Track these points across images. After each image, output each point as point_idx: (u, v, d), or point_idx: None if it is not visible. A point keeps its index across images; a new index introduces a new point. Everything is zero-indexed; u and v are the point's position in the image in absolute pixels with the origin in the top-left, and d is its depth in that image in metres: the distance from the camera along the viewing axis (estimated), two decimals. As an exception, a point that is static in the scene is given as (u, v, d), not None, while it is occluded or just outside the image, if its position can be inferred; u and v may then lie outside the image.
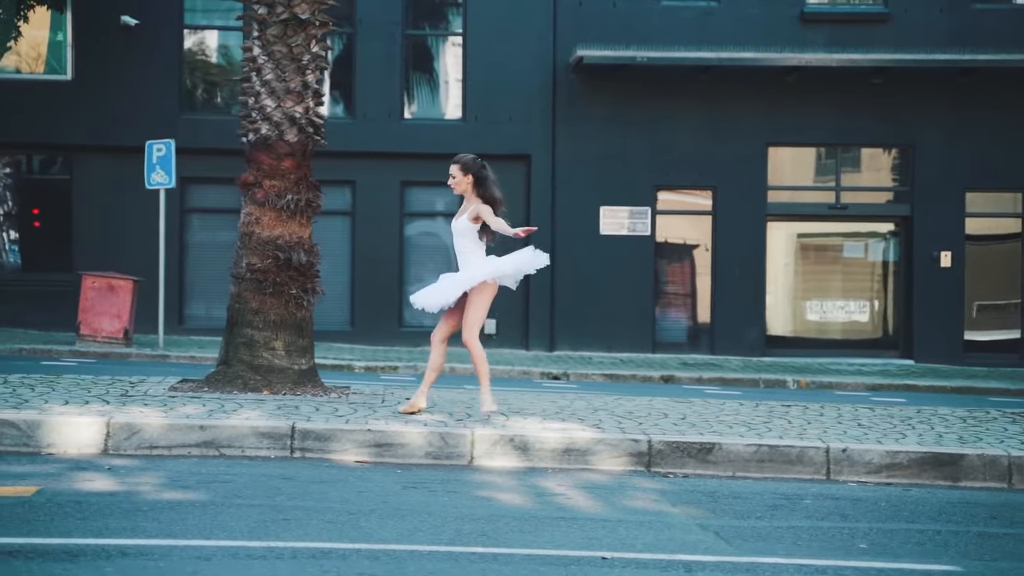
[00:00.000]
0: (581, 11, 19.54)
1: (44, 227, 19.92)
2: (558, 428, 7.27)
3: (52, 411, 7.18)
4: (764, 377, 16.68)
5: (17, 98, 19.14)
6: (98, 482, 6.14)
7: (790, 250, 20.53)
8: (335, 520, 5.50)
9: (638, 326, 19.60)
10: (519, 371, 16.75)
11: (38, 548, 4.82)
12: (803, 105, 19.49)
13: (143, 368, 14.16)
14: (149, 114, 19.12)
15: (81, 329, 16.87)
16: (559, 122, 19.64)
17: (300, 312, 8.43)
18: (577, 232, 19.59)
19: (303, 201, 8.36)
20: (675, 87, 19.50)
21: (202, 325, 19.58)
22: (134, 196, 19.09)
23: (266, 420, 7.14)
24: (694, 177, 19.75)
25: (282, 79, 8.36)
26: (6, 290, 19.32)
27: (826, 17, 19.72)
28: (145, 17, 19.20)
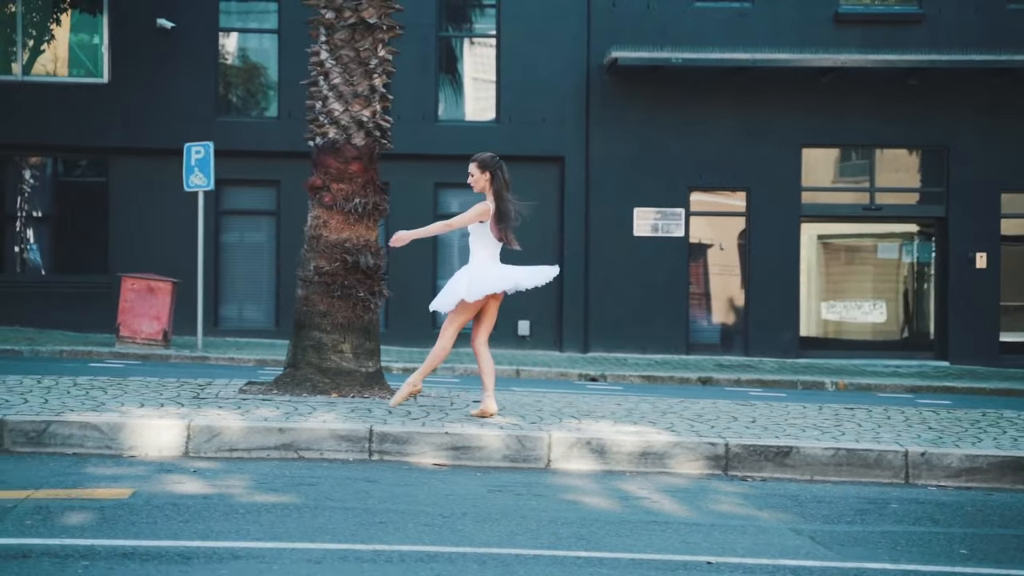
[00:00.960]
0: (615, 12, 19.57)
1: (80, 229, 20.03)
2: (633, 431, 7.30)
3: (131, 414, 7.23)
4: (801, 379, 16.68)
5: (54, 101, 19.27)
6: (188, 485, 6.18)
7: (822, 251, 20.53)
8: (431, 523, 5.53)
9: (672, 327, 19.62)
10: (556, 373, 16.78)
11: (150, 550, 4.86)
12: (837, 106, 19.49)
13: (187, 370, 14.23)
14: (184, 116, 19.22)
15: (121, 331, 16.95)
16: (593, 123, 19.68)
17: (367, 315, 8.47)
18: (611, 234, 19.62)
19: (370, 204, 8.40)
20: (709, 88, 19.53)
21: (236, 326, 19.69)
22: (170, 198, 19.20)
23: (343, 423, 7.18)
24: (728, 178, 19.78)
25: (350, 83, 8.40)
26: (42, 292, 19.44)
27: (860, 18, 19.72)
28: (180, 20, 19.30)
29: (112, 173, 19.59)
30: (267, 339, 19.38)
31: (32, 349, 16.13)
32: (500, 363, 17.34)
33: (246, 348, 17.95)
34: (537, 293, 19.28)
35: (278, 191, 19.80)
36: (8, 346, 16.23)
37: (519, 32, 19.68)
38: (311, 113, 8.68)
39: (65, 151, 19.73)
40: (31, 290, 19.47)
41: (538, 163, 19.64)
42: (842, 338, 20.42)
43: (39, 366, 13.73)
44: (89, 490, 5.97)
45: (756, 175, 19.62)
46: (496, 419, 7.65)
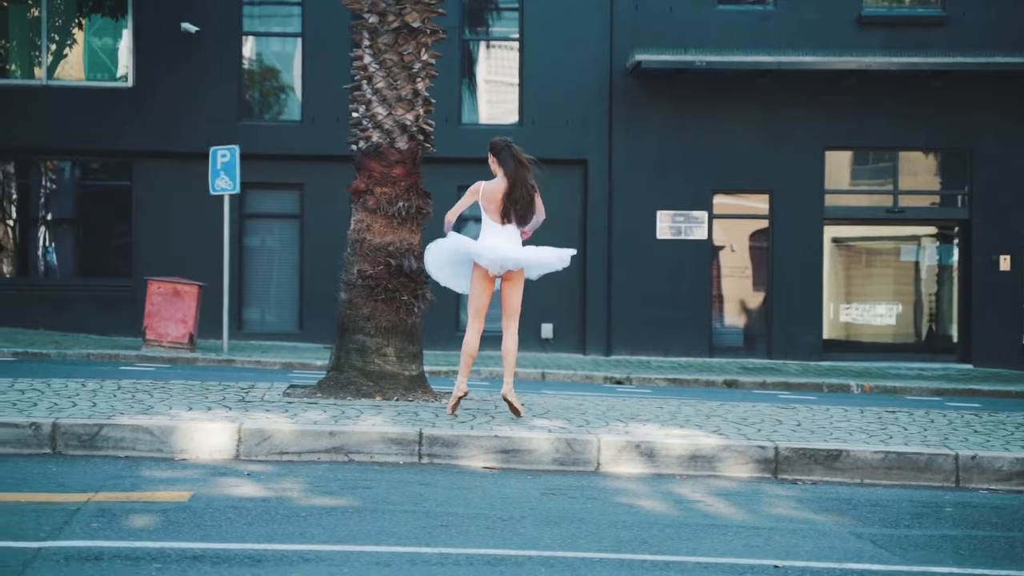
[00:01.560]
0: (638, 16, 19.58)
1: (104, 232, 20.11)
2: (681, 435, 7.31)
3: (181, 417, 7.26)
4: (827, 382, 16.66)
5: (78, 105, 19.33)
6: (244, 488, 6.21)
7: (838, 253, 20.50)
8: (491, 526, 5.55)
9: (695, 330, 19.61)
10: (581, 376, 16.79)
11: (220, 553, 4.89)
12: (860, 108, 19.47)
13: (216, 373, 14.28)
14: (208, 120, 19.28)
15: (147, 334, 17.00)
16: (616, 126, 19.69)
17: (411, 318, 8.49)
18: (634, 236, 19.63)
19: (413, 208, 8.43)
20: (732, 91, 19.52)
21: (259, 329, 19.73)
22: (193, 201, 19.25)
23: (392, 426, 7.20)
24: (751, 181, 19.76)
25: (393, 87, 8.43)
26: (66, 295, 19.50)
27: (883, 20, 19.70)
28: (204, 24, 19.36)
29: (136, 177, 19.65)
30: (290, 342, 19.44)
31: (59, 352, 16.18)
32: (524, 366, 17.36)
33: (271, 351, 17.99)
34: (560, 296, 19.51)
35: (301, 194, 19.85)
36: (35, 349, 16.29)
37: (542, 35, 19.71)
38: (354, 117, 8.70)
39: (89, 155, 19.80)
40: (55, 293, 19.54)
41: (561, 166, 19.63)
42: (864, 340, 20.39)
43: (71, 369, 13.79)
44: (148, 493, 6.00)
45: (779, 178, 19.61)
46: (544, 422, 7.65)
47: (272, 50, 20.27)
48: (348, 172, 19.42)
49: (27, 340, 17.56)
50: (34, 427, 6.91)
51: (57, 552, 4.82)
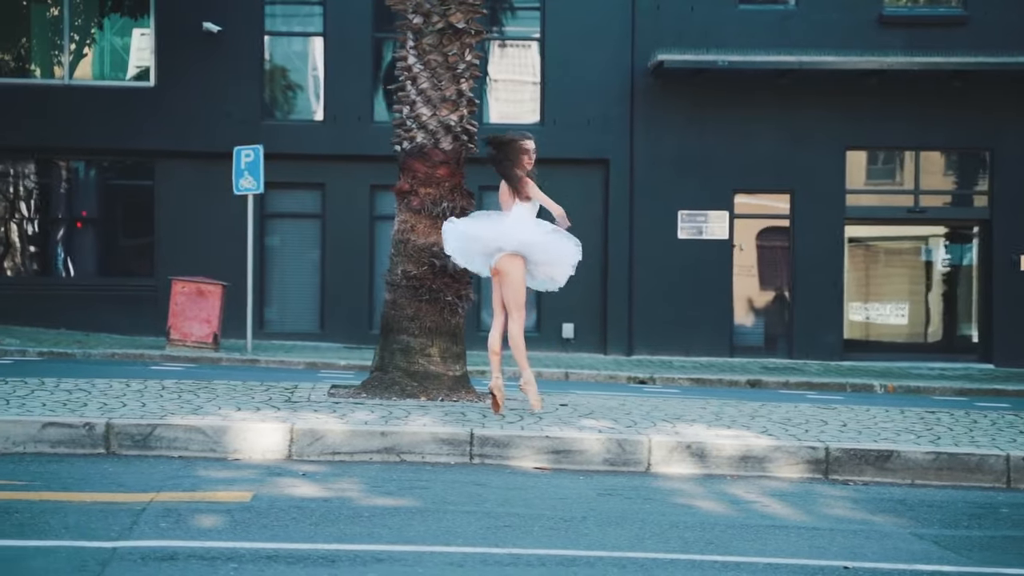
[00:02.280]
0: (659, 15, 19.59)
1: (126, 232, 20.15)
2: (730, 435, 7.33)
3: (232, 417, 7.29)
4: (850, 381, 16.67)
5: (100, 104, 19.38)
6: (303, 488, 6.24)
7: (863, 253, 20.51)
8: (555, 527, 5.57)
9: (716, 330, 19.63)
10: (605, 375, 16.80)
11: (293, 553, 4.92)
12: (881, 108, 19.47)
13: (244, 373, 14.31)
14: (230, 120, 19.32)
15: (171, 334, 17.04)
16: (637, 126, 19.70)
17: (454, 318, 8.52)
18: (655, 236, 19.64)
19: (457, 208, 8.45)
20: (753, 91, 19.52)
21: (280, 329, 19.76)
22: (215, 201, 19.30)
23: (443, 427, 7.23)
24: (772, 181, 19.77)
25: (438, 87, 8.45)
26: (87, 295, 19.55)
27: (904, 20, 19.70)
28: (226, 23, 19.40)
29: (158, 176, 19.69)
30: (312, 342, 19.47)
31: (84, 352, 16.23)
32: (547, 365, 17.38)
33: (294, 351, 18.02)
34: (581, 296, 19.51)
35: (323, 194, 19.88)
36: (60, 348, 16.34)
37: (563, 35, 19.72)
38: (398, 118, 8.72)
39: (111, 154, 19.84)
40: (76, 293, 19.59)
41: (583, 166, 19.68)
42: (883, 340, 20.40)
43: (100, 368, 13.83)
44: (209, 493, 6.03)
45: (800, 177, 19.62)
46: (591, 422, 7.68)
47: (294, 49, 20.30)
48: (369, 171, 19.67)
49: (51, 340, 17.61)
50: (88, 427, 6.95)
51: (132, 552, 4.85)
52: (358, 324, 19.70)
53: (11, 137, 19.09)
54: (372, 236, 19.88)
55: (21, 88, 19.51)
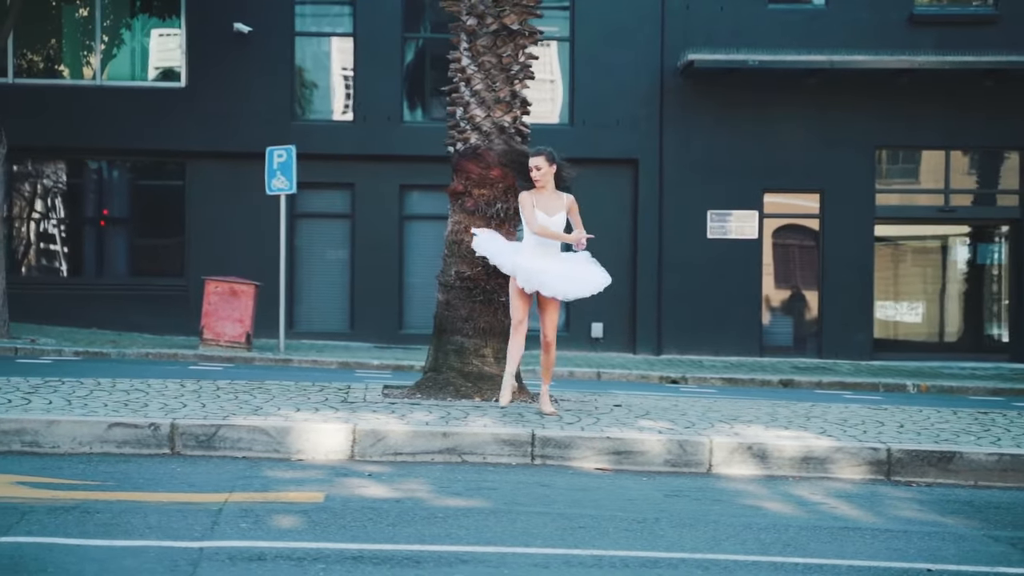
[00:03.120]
0: (688, 15, 19.59)
1: (156, 232, 20.24)
2: (790, 436, 7.34)
3: (294, 418, 7.33)
4: (883, 381, 16.64)
5: (131, 105, 19.47)
6: (372, 489, 6.26)
7: (891, 253, 20.47)
8: (629, 528, 5.59)
9: (745, 329, 19.63)
10: (637, 375, 16.81)
11: (378, 554, 4.95)
12: (912, 107, 19.44)
13: (281, 373, 14.38)
14: (260, 120, 19.39)
15: (204, 333, 17.10)
16: (666, 126, 19.71)
17: (507, 319, 8.54)
18: (684, 236, 19.65)
19: (511, 209, 8.47)
20: (783, 90, 19.52)
21: (310, 328, 19.82)
22: (246, 201, 19.39)
23: (504, 428, 7.25)
24: (802, 180, 19.76)
25: (492, 89, 8.48)
26: (119, 294, 19.64)
27: (935, 19, 19.66)
28: (257, 24, 19.47)
29: (189, 176, 19.78)
30: (341, 341, 19.53)
31: (118, 352, 16.30)
32: (579, 365, 17.41)
33: (326, 351, 18.07)
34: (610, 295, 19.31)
35: (352, 194, 19.94)
36: (95, 348, 16.41)
37: (593, 35, 19.73)
38: (451, 119, 8.75)
39: (142, 155, 19.93)
40: (108, 293, 19.68)
41: (612, 166, 19.70)
42: (913, 340, 20.37)
43: (142, 368, 13.90)
44: (281, 494, 6.06)
45: (830, 177, 19.60)
46: (648, 423, 7.69)
47: (323, 50, 20.35)
48: (399, 172, 19.71)
49: (85, 339, 17.69)
50: (153, 427, 6.99)
51: (219, 552, 4.89)
52: (387, 324, 19.76)
53: (42, 137, 19.19)
54: (401, 236, 19.93)
55: (52, 89, 19.61)
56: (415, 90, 20.24)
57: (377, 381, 11.71)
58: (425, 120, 20.21)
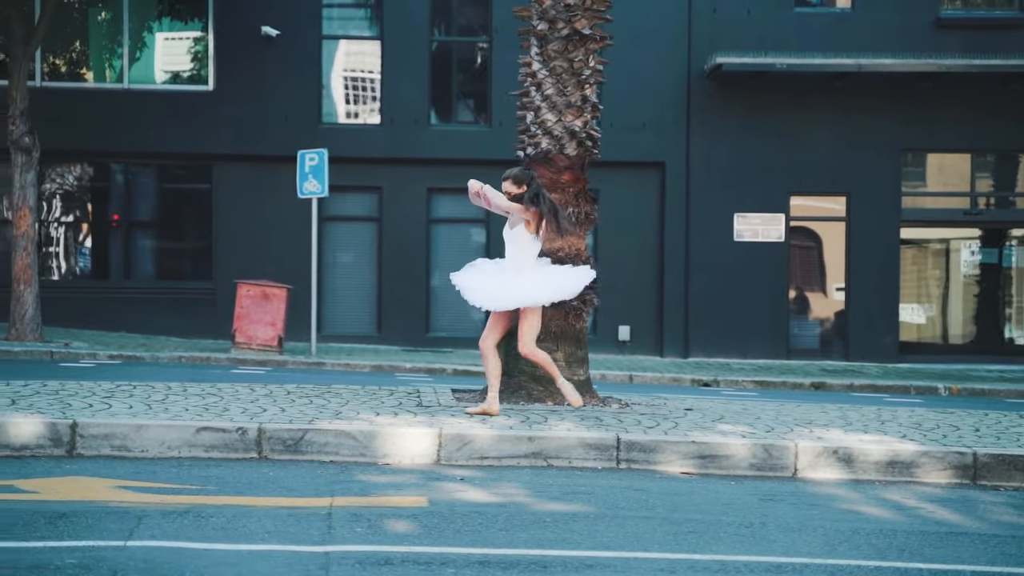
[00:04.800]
0: (715, 18, 19.63)
1: (184, 235, 20.23)
2: (873, 440, 7.36)
3: (377, 422, 7.33)
4: (914, 384, 16.68)
5: (158, 108, 19.45)
6: (471, 493, 6.27)
7: (916, 255, 20.52)
8: (739, 533, 5.60)
9: (772, 332, 19.65)
10: (669, 378, 16.83)
11: (503, 559, 4.95)
12: (938, 111, 19.48)
13: (314, 376, 14.37)
14: (288, 123, 19.39)
15: (236, 337, 17.10)
16: (693, 129, 19.74)
17: (579, 323, 8.57)
18: (711, 239, 19.68)
19: (582, 214, 8.50)
20: (808, 93, 19.55)
21: (337, 332, 19.79)
22: (274, 204, 19.38)
23: (588, 431, 7.26)
24: (828, 183, 19.80)
25: (563, 93, 8.50)
26: (146, 297, 19.62)
27: (961, 23, 19.70)
28: (284, 27, 19.46)
29: (216, 180, 19.76)
30: (370, 344, 19.52)
31: (151, 355, 16.28)
32: (609, 368, 17.42)
33: (356, 354, 18.07)
34: (637, 298, 19.58)
35: (380, 197, 19.94)
36: (128, 352, 16.39)
37: (620, 38, 19.41)
38: (522, 123, 8.77)
39: (170, 158, 19.90)
40: (135, 296, 19.65)
41: (639, 168, 19.73)
42: (938, 342, 20.43)
43: (181, 372, 13.91)
44: (383, 498, 6.06)
45: (856, 180, 19.65)
46: (728, 427, 7.71)
47: (351, 53, 20.35)
48: (426, 175, 19.70)
49: (116, 343, 17.68)
50: (241, 432, 6.99)
51: (346, 556, 4.89)
52: (415, 327, 19.76)
53: (70, 141, 19.15)
54: (428, 239, 19.93)
55: (79, 92, 19.58)
56: (442, 93, 20.25)
57: (422, 384, 11.73)
58: (452, 123, 20.23)
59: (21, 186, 16.61)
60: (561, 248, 8.49)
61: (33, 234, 16.88)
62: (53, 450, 6.82)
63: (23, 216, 16.61)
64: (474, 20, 20.40)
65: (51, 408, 7.36)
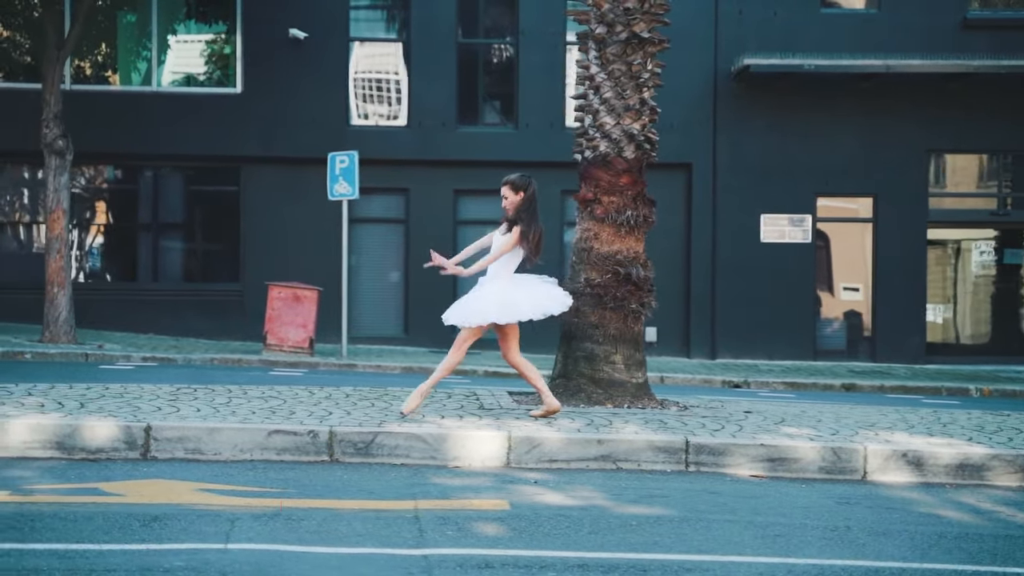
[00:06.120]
0: (741, 19, 19.63)
1: (212, 237, 20.25)
2: (941, 443, 7.36)
3: (446, 426, 7.35)
4: (945, 385, 16.67)
5: (186, 111, 19.48)
6: (549, 496, 6.28)
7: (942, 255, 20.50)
8: (826, 536, 5.61)
9: (799, 333, 19.65)
10: (700, 379, 16.83)
11: (602, 562, 4.96)
12: (964, 111, 19.47)
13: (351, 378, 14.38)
14: (316, 125, 19.40)
15: (268, 339, 17.13)
16: (720, 130, 19.75)
17: (637, 326, 8.58)
18: (738, 240, 19.69)
19: (640, 217, 8.51)
20: (835, 95, 19.55)
21: (365, 333, 19.78)
22: (302, 206, 19.40)
23: (657, 434, 7.28)
24: (854, 184, 19.80)
25: (621, 97, 8.52)
26: (174, 299, 19.65)
27: (988, 23, 19.70)
28: (312, 30, 19.48)
29: (244, 182, 19.78)
30: (397, 346, 19.53)
31: (184, 357, 16.30)
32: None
33: (387, 356, 18.08)
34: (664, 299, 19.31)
35: (407, 199, 19.96)
36: (160, 354, 16.42)
37: (646, 40, 19.73)
38: (579, 127, 8.78)
39: (197, 160, 19.92)
40: (163, 298, 19.68)
41: (665, 170, 19.61)
42: (964, 343, 20.42)
43: (216, 374, 13.92)
44: (464, 501, 6.08)
45: (883, 181, 19.64)
46: (792, 430, 7.72)
47: (378, 55, 20.37)
48: (453, 177, 19.75)
49: (148, 345, 17.70)
50: (312, 435, 7.01)
51: (445, 559, 4.91)
52: (441, 328, 19.48)
53: (98, 144, 19.15)
54: (455, 241, 19.91)
55: (107, 95, 19.61)
56: (469, 95, 20.26)
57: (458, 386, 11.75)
58: (479, 125, 20.25)
59: (55, 189, 16.64)
60: (620, 251, 8.51)
61: (67, 237, 16.92)
62: (128, 453, 6.84)
63: (56, 219, 16.63)
64: (500, 22, 20.42)
65: (121, 411, 7.38)
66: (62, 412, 7.25)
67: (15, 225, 20.26)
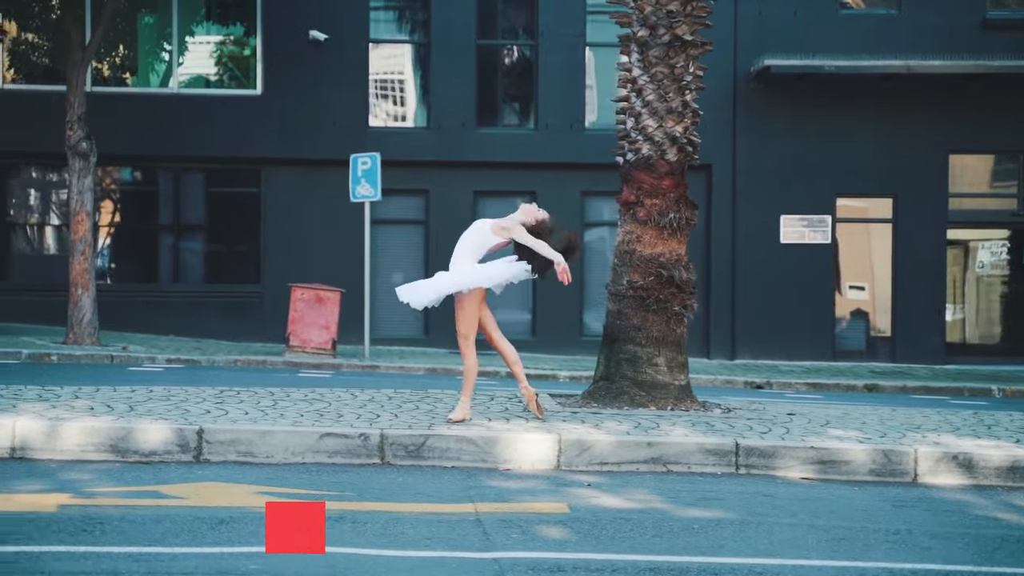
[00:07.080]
0: (761, 20, 19.62)
1: (232, 239, 20.26)
2: (991, 446, 7.36)
3: (495, 428, 7.35)
4: (967, 386, 16.64)
5: (207, 113, 19.49)
6: (605, 499, 6.29)
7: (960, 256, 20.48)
8: (890, 539, 5.62)
9: (818, 334, 19.63)
10: (722, 380, 16.82)
11: (673, 566, 4.97)
12: (984, 112, 19.44)
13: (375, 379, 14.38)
14: (336, 127, 19.42)
15: (291, 340, 17.13)
16: (739, 131, 19.74)
17: (679, 328, 8.57)
18: (757, 241, 19.68)
19: (683, 219, 8.50)
20: (854, 95, 19.54)
21: (385, 335, 19.78)
22: (322, 208, 19.42)
23: (706, 437, 7.28)
24: (874, 185, 19.78)
25: (664, 99, 8.51)
26: (195, 301, 19.66)
27: (1008, 24, 19.68)
28: (332, 32, 19.48)
29: (264, 183, 19.80)
30: (418, 347, 19.53)
31: (208, 359, 16.30)
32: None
33: (409, 357, 18.08)
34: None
35: (427, 200, 19.97)
36: (184, 355, 16.42)
37: (665, 41, 19.73)
38: (622, 129, 8.78)
39: (218, 162, 19.93)
40: (184, 299, 19.70)
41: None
42: (983, 343, 20.40)
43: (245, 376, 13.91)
44: (524, 504, 6.08)
45: (902, 181, 19.63)
46: (840, 432, 7.71)
47: (398, 56, 20.38)
48: (472, 178, 19.76)
49: (171, 346, 17.71)
50: (363, 438, 7.02)
51: (517, 563, 4.91)
52: (461, 330, 19.72)
53: (118, 145, 19.16)
54: (475, 242, 19.91)
55: (128, 97, 19.63)
56: (488, 96, 20.27)
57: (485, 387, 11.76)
58: (498, 126, 20.25)
59: (79, 191, 16.66)
60: (662, 254, 8.51)
61: (91, 239, 16.93)
62: (181, 455, 6.85)
63: (81, 221, 16.65)
64: (519, 23, 20.42)
65: (171, 414, 7.39)
66: (113, 415, 7.26)
67: (35, 227, 20.29)
